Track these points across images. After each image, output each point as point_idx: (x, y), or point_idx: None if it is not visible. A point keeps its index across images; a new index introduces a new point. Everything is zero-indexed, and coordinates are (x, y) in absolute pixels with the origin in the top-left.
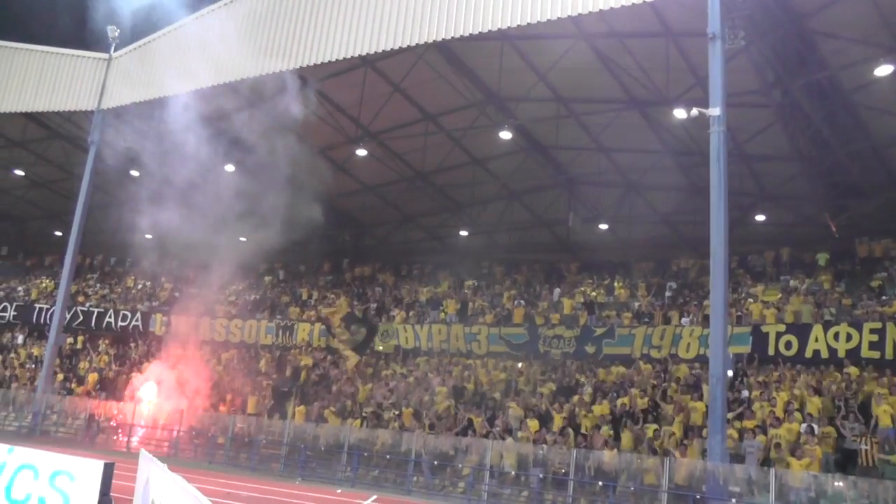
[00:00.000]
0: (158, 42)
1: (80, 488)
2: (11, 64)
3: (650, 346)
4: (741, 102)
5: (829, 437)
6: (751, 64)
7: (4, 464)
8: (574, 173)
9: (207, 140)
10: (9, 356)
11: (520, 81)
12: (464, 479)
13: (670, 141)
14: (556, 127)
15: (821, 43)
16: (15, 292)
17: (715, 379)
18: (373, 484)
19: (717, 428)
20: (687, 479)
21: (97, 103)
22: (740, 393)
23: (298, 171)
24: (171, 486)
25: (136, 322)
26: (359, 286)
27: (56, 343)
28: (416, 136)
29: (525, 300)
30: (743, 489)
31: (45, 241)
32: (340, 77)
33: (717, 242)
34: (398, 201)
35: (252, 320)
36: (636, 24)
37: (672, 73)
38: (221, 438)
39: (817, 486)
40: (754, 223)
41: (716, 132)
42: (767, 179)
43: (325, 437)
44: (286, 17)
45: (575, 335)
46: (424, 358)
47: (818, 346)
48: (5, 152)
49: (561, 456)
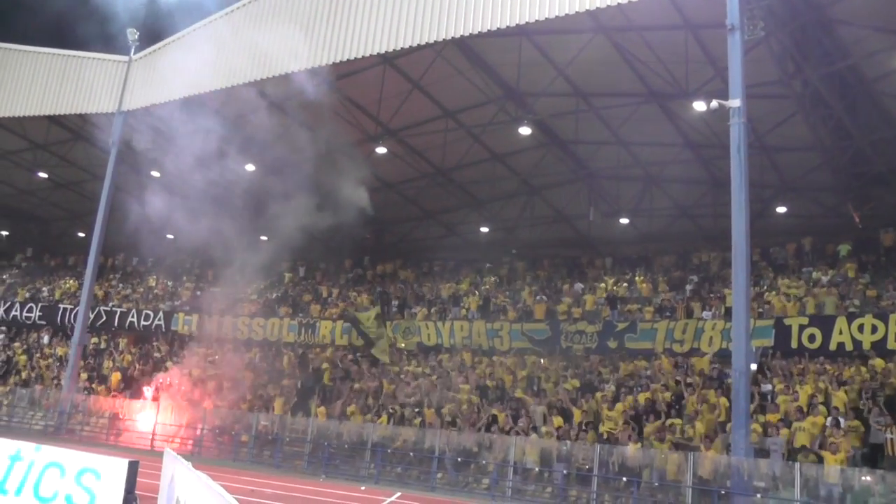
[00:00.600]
0: (178, 43)
1: (105, 486)
2: (35, 68)
3: (672, 341)
4: (761, 93)
5: (855, 431)
6: (770, 54)
7: (32, 462)
8: (594, 168)
9: (227, 140)
10: (35, 356)
11: (539, 76)
12: (487, 475)
13: (690, 133)
14: (575, 121)
15: (842, 32)
16: (40, 293)
17: (738, 373)
18: (396, 481)
19: (741, 422)
20: (711, 475)
21: (118, 105)
22: (763, 386)
23: (318, 169)
24: (195, 484)
25: (158, 321)
26: (380, 283)
27: (80, 343)
28: (436, 133)
29: (546, 295)
30: (768, 484)
31: (69, 242)
32: (359, 75)
33: (738, 235)
34: (418, 198)
35: (274, 318)
36: (655, 16)
37: (691, 66)
38: (245, 436)
39: (844, 480)
40: (776, 215)
41: (736, 124)
42: (789, 170)
43: (348, 435)
44: (305, 17)
45: (597, 330)
46: (447, 355)
47: (843, 339)
48: (29, 155)
49: (584, 452)
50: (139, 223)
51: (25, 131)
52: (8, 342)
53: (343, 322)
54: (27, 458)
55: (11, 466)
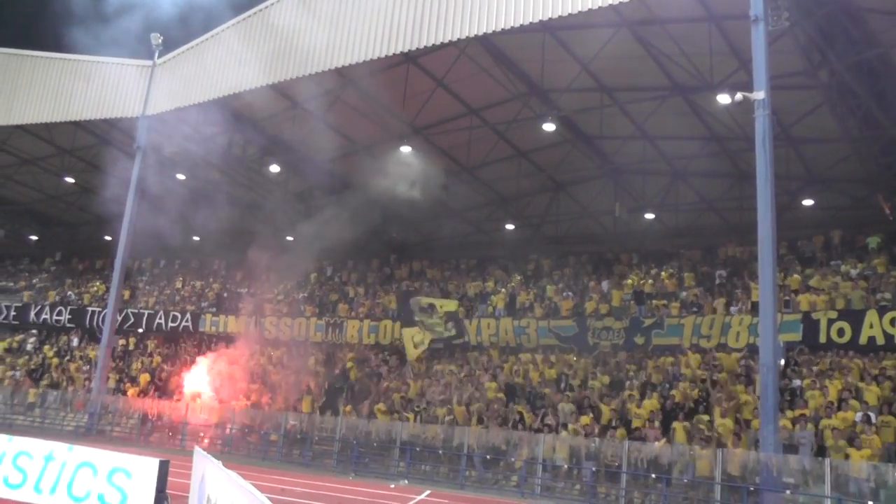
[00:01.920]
0: (201, 47)
1: (137, 485)
2: (60, 74)
3: (699, 336)
4: (787, 85)
5: (888, 427)
6: (796, 45)
7: (65, 462)
8: (619, 163)
9: (252, 141)
10: (65, 359)
11: (562, 72)
12: (516, 473)
13: (715, 127)
14: (599, 116)
15: (869, 20)
16: (69, 296)
17: (766, 368)
18: (425, 478)
19: (770, 418)
20: (740, 471)
21: (142, 109)
22: (791, 382)
23: (345, 170)
24: (226, 483)
25: (185, 323)
26: (407, 282)
27: (109, 345)
28: (461, 131)
29: (573, 292)
30: (798, 480)
31: (96, 246)
32: (383, 74)
33: (764, 229)
34: (444, 196)
35: (301, 318)
36: (678, 9)
37: (715, 58)
38: (274, 436)
39: (877, 476)
40: (802, 207)
41: (760, 116)
42: (815, 162)
43: (377, 433)
44: (328, 17)
45: (624, 326)
46: (475, 353)
47: (873, 333)
48: (57, 160)
49: (613, 449)
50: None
51: (53, 137)
52: (39, 345)
53: (371, 321)
54: (60, 458)
55: (45, 466)
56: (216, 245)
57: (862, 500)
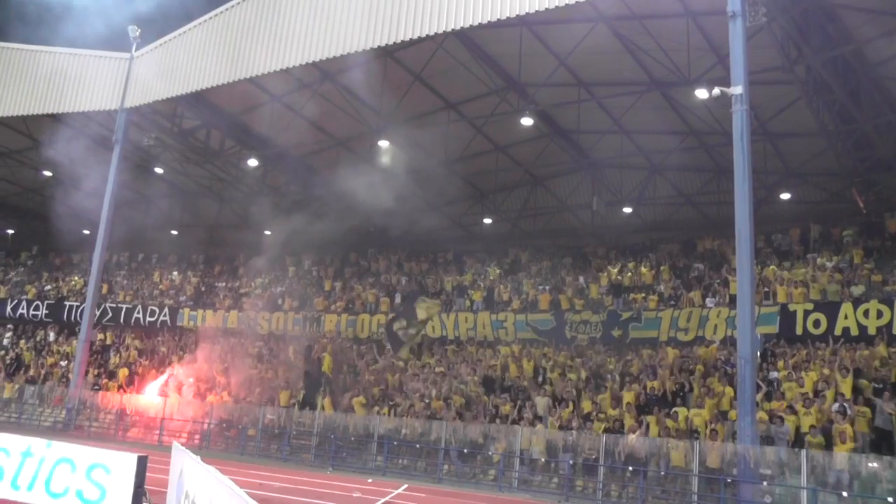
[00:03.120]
0: (179, 40)
1: (115, 481)
2: (37, 66)
3: (677, 329)
4: (764, 80)
5: (862, 417)
6: (773, 40)
7: (43, 458)
8: (597, 157)
9: (230, 135)
10: (41, 353)
11: (540, 67)
12: (494, 466)
13: (693, 121)
14: (577, 111)
15: (843, 16)
16: (46, 290)
17: (743, 360)
18: (403, 472)
19: (747, 410)
20: (717, 463)
21: (120, 102)
22: (768, 374)
23: (322, 164)
24: (204, 478)
25: (163, 317)
26: (385, 276)
27: (87, 339)
28: (438, 125)
29: (551, 286)
30: (774, 471)
31: (74, 240)
32: (360, 68)
33: (742, 222)
34: (421, 190)
35: (279, 312)
36: (655, 4)
37: (693, 53)
38: (252, 430)
39: (851, 466)
40: (780, 201)
41: (738, 111)
42: (792, 156)
43: (354, 427)
44: (305, 11)
45: (601, 320)
46: (452, 346)
47: (848, 324)
48: (34, 153)
49: (590, 442)
50: (143, 219)
51: (30, 130)
52: (15, 340)
53: (348, 315)
54: (38, 454)
55: (23, 462)
56: (194, 239)
57: (838, 490)
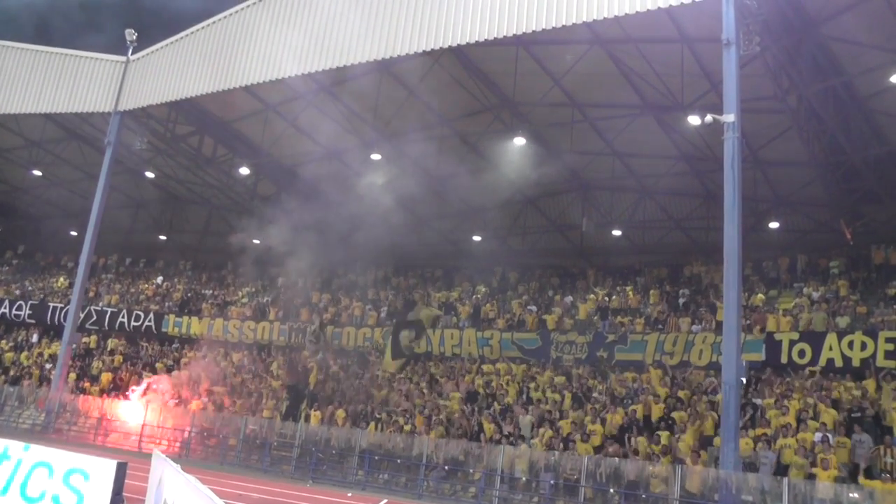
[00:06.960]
0: (175, 45)
1: (93, 487)
2: (32, 66)
3: (662, 353)
4: (756, 108)
5: (844, 447)
6: (766, 69)
7: (20, 461)
8: (588, 178)
9: (222, 142)
10: (22, 355)
11: (535, 86)
12: (475, 484)
13: (685, 146)
14: (570, 132)
15: (836, 49)
16: (30, 291)
17: (728, 386)
18: (384, 488)
19: (731, 436)
20: (699, 488)
21: (114, 105)
22: (752, 400)
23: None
24: (184, 487)
25: (148, 322)
26: (372, 290)
27: (70, 342)
28: (432, 140)
29: (538, 306)
30: (756, 498)
31: (62, 241)
32: (356, 81)
33: (730, 249)
34: (412, 205)
35: (265, 322)
36: (651, 29)
37: (687, 79)
38: (233, 440)
39: (833, 496)
40: (768, 229)
41: (730, 138)
42: (782, 185)
43: (336, 440)
44: (303, 23)
45: (587, 341)
46: (436, 362)
47: (832, 355)
48: (24, 152)
49: (572, 462)
50: (132, 223)
51: (21, 129)
52: None
53: (334, 327)
54: (15, 456)
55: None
56: (182, 245)
57: None
